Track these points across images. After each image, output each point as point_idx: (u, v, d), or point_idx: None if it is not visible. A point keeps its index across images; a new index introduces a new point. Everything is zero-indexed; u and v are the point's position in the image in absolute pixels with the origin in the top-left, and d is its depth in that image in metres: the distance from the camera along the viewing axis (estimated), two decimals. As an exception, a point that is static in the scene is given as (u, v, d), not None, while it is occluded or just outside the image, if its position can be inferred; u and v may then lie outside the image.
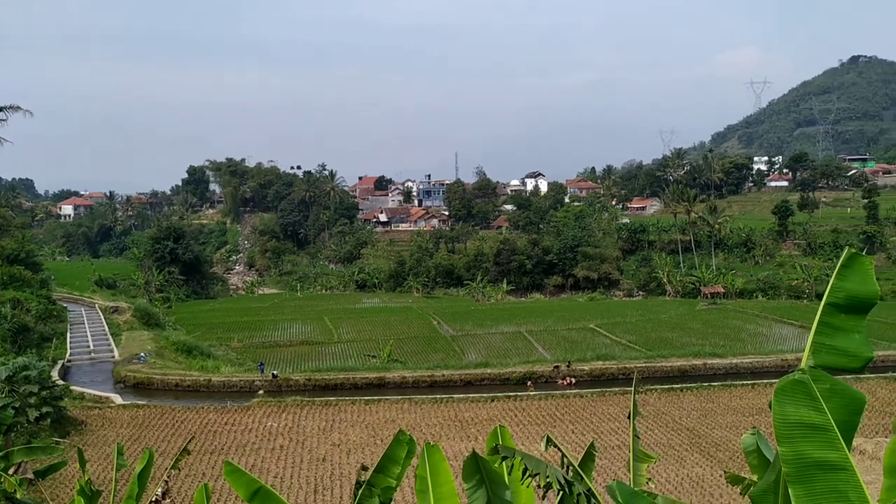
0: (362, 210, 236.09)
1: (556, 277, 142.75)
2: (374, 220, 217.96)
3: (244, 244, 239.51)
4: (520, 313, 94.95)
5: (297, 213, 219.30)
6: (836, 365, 6.73)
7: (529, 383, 57.35)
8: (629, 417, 9.44)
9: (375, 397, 50.93)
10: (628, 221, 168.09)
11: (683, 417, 44.57)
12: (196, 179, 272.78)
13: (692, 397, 49.68)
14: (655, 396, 49.78)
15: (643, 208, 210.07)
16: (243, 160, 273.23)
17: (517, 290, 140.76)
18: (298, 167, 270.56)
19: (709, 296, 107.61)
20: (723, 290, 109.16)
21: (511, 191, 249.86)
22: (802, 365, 6.68)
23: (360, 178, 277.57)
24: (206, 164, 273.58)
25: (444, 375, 58.86)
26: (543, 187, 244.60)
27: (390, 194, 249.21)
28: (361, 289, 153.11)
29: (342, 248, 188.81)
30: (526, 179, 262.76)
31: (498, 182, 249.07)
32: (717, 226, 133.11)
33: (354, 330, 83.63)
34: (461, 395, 50.82)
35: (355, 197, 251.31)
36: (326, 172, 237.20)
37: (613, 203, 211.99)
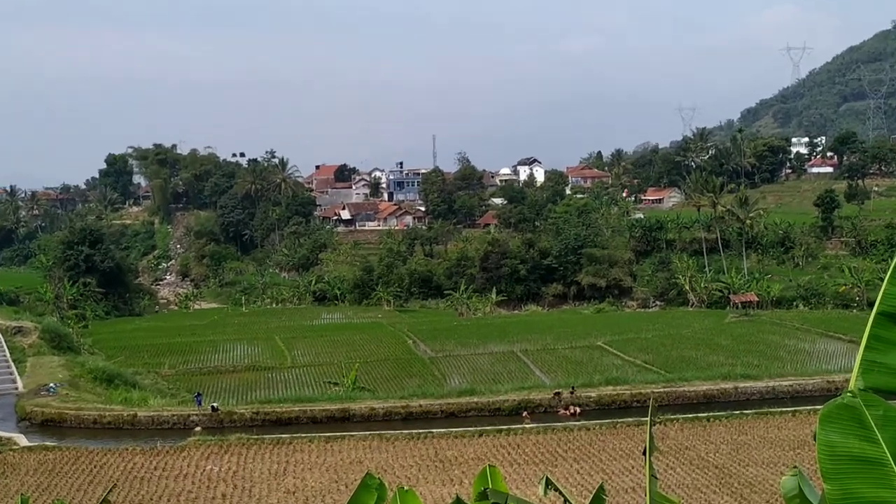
0: (320, 206, 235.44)
1: (556, 285, 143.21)
2: (335, 217, 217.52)
3: (176, 249, 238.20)
4: (512, 329, 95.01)
5: (240, 211, 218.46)
6: (890, 387, 6.76)
7: (525, 414, 57.47)
8: (645, 453, 9.46)
9: (338, 433, 50.78)
10: (642, 217, 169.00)
11: (711, 453, 44.85)
12: (117, 171, 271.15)
13: (721, 428, 50.00)
14: (677, 427, 50.05)
15: (660, 201, 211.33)
16: (174, 146, 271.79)
17: (509, 301, 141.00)
18: (242, 154, 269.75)
19: (739, 305, 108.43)
20: (756, 299, 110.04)
21: (501, 181, 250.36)
22: (851, 387, 6.72)
23: (318, 168, 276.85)
24: (129, 151, 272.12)
25: (421, 406, 58.82)
26: (540, 176, 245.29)
27: (354, 187, 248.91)
28: (320, 302, 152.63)
29: (296, 253, 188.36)
30: (518, 167, 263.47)
31: (485, 171, 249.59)
32: (748, 221, 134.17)
33: (312, 352, 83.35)
34: (442, 430, 50.81)
35: (311, 190, 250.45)
36: (276, 161, 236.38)
37: (624, 195, 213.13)
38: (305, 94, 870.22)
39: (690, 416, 52.64)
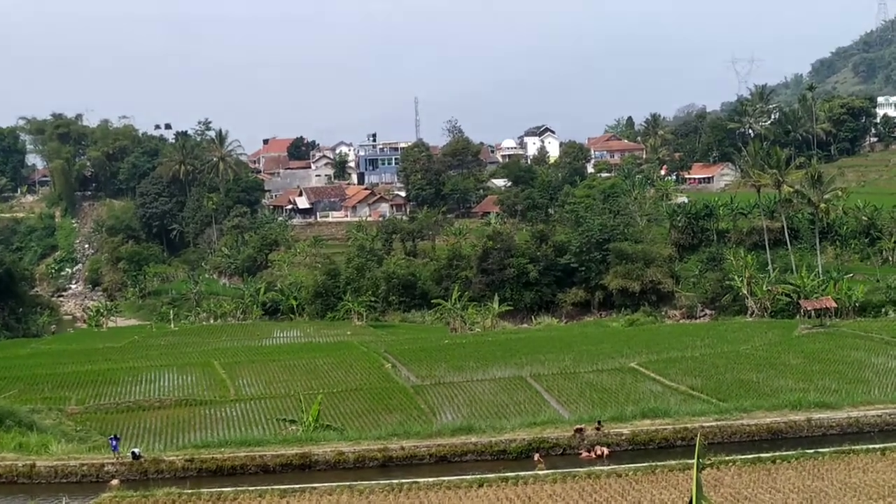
0: (270, 192, 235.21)
1: (577, 291, 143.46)
2: (290, 206, 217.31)
3: (84, 249, 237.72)
4: (521, 348, 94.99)
5: (166, 199, 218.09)
6: None
7: (538, 457, 57.46)
8: (689, 506, 9.63)
9: (297, 486, 50.67)
10: (686, 201, 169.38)
11: (778, 503, 44.96)
12: (4, 148, 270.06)
13: (790, 472, 50.11)
14: (734, 472, 50.12)
15: (709, 180, 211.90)
16: (79, 117, 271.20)
17: (516, 311, 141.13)
18: (167, 126, 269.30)
19: (813, 314, 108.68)
20: (834, 305, 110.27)
21: (503, 157, 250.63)
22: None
23: (266, 142, 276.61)
24: (21, 123, 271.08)
25: (403, 449, 58.74)
26: (553, 150, 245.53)
27: (314, 166, 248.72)
28: (271, 315, 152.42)
29: (240, 253, 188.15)
30: (526, 139, 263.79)
31: (482, 144, 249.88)
32: (822, 205, 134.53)
33: (261, 381, 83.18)
34: (431, 479, 50.76)
35: (258, 171, 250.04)
36: (212, 134, 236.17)
37: (662, 172, 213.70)
38: (247, 41, 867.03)
39: (751, 456, 52.61)
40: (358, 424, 66.72)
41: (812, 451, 53.65)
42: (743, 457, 52.63)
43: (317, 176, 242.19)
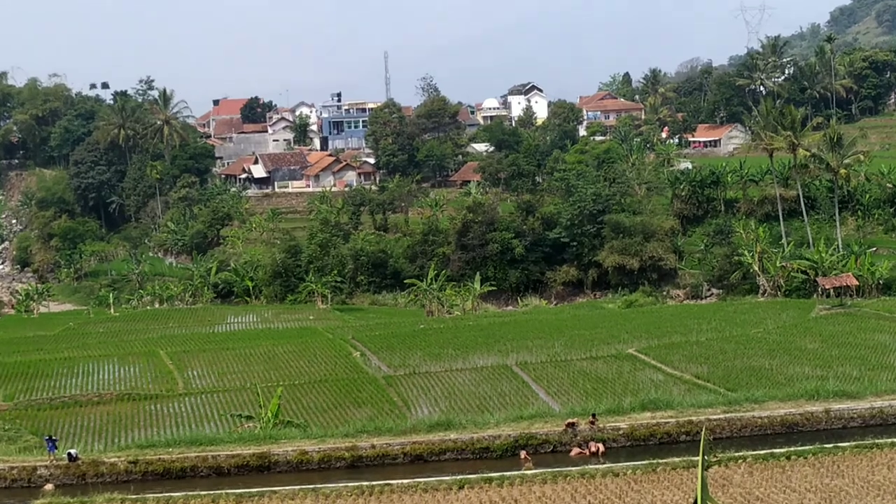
0: (222, 159, 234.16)
1: (568, 269, 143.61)
2: (244, 176, 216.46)
3: (11, 225, 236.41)
4: (505, 333, 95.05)
5: (104, 168, 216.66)
6: None
7: (524, 455, 57.69)
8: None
9: (255, 489, 50.71)
10: (690, 167, 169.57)
11: (792, 504, 45.27)
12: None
13: (807, 469, 50.42)
14: (744, 470, 50.42)
15: (716, 143, 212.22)
16: (4, 75, 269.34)
17: (500, 292, 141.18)
18: (105, 86, 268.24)
19: (832, 292, 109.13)
20: (856, 283, 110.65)
21: (485, 118, 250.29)
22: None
23: (217, 103, 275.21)
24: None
25: (374, 447, 58.83)
26: (542, 111, 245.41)
27: (272, 130, 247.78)
28: (224, 298, 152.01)
29: (188, 229, 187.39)
30: (510, 98, 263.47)
31: (461, 104, 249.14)
32: (843, 171, 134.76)
33: (214, 372, 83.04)
34: (405, 481, 50.88)
35: (209, 136, 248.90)
36: (155, 94, 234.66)
37: (664, 135, 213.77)
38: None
39: (763, 452, 52.94)
40: (323, 420, 66.74)
41: (831, 445, 54.02)
42: (754, 453, 52.97)
43: (274, 141, 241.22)
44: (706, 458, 48.34)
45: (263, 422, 64.67)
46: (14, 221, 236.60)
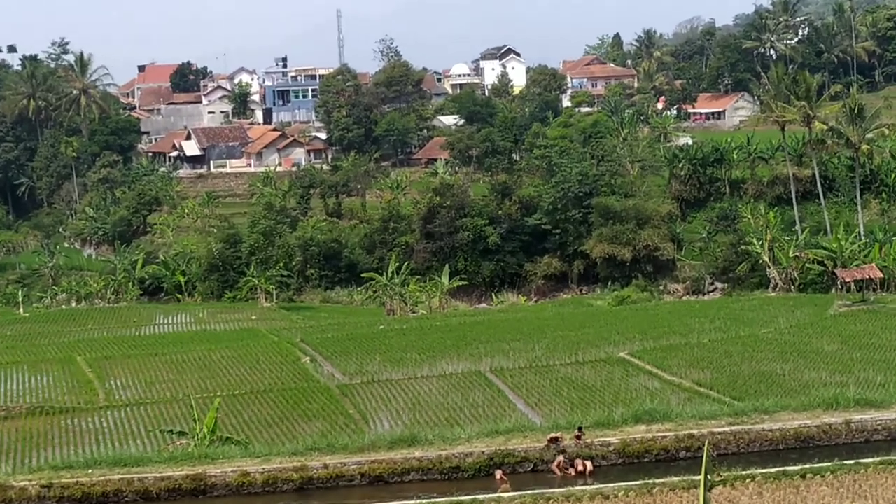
0: (149, 134, 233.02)
1: (551, 260, 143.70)
2: (175, 153, 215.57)
3: None
4: (479, 335, 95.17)
5: (11, 145, 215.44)
6: None
7: (500, 475, 57.70)
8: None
9: (188, 517, 50.59)
10: (690, 143, 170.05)
11: (808, 530, 45.48)
12: None
13: (824, 489, 50.66)
14: (753, 490, 50.63)
15: (719, 115, 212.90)
16: None
17: (472, 287, 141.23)
18: (11, 49, 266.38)
19: (852, 286, 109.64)
20: (880, 275, 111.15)
21: (454, 86, 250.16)
22: None
23: (143, 69, 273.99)
24: None
25: (326, 467, 58.77)
26: (519, 78, 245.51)
27: (206, 100, 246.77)
28: (152, 296, 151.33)
29: (110, 215, 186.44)
30: (483, 63, 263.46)
31: (427, 70, 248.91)
32: (865, 146, 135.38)
33: (140, 381, 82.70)
34: (364, 506, 50.88)
35: (133, 108, 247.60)
36: (71, 58, 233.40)
37: (660, 106, 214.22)
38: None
39: (774, 470, 53.06)
40: (267, 436, 66.59)
41: (852, 461, 54.25)
42: (764, 471, 53.15)
43: (210, 113, 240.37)
44: (709, 477, 48.51)
45: (198, 438, 64.41)
46: None
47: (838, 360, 78.21)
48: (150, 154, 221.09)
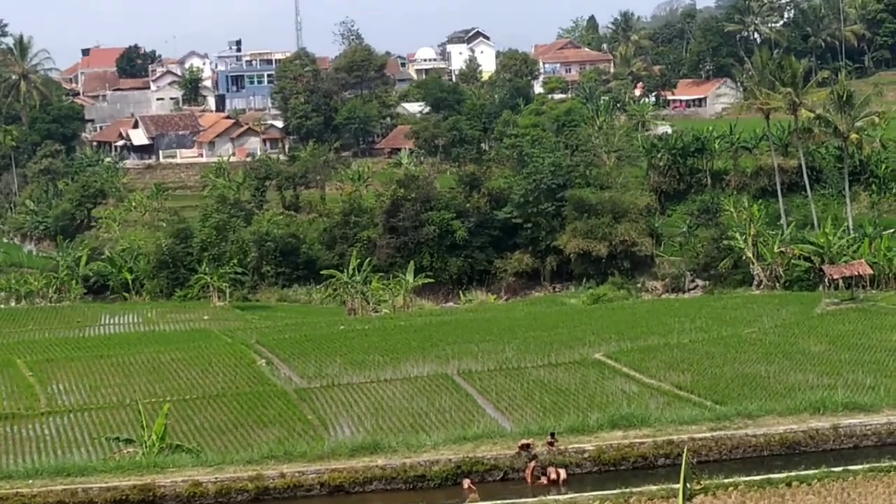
0: (93, 122, 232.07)
1: (522, 256, 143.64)
2: (122, 143, 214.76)
3: None
4: (445, 336, 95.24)
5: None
6: None
7: (468, 484, 57.72)
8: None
9: (136, 530, 50.48)
10: (670, 131, 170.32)
11: (794, 541, 45.68)
12: None
13: (811, 497, 50.90)
14: (735, 499, 50.81)
15: (700, 102, 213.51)
16: None
17: (439, 285, 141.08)
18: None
19: (841, 283, 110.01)
20: (870, 271, 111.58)
21: (419, 71, 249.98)
22: None
23: (87, 53, 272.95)
24: None
25: (283, 476, 58.71)
26: (488, 63, 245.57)
27: (155, 86, 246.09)
28: (97, 295, 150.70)
29: (51, 209, 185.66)
30: (449, 47, 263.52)
31: (390, 55, 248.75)
32: (854, 135, 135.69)
33: (84, 386, 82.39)
34: (323, 517, 50.84)
35: (77, 94, 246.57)
36: (10, 41, 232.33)
37: (637, 92, 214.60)
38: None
39: (758, 478, 53.26)
40: (220, 444, 66.52)
41: (840, 468, 54.49)
42: (747, 479, 53.37)
43: (159, 100, 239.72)
44: (689, 485, 48.68)
45: (146, 446, 64.24)
46: None
47: (826, 362, 78.56)
48: (95, 143, 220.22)
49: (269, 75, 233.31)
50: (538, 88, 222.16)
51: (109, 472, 59.64)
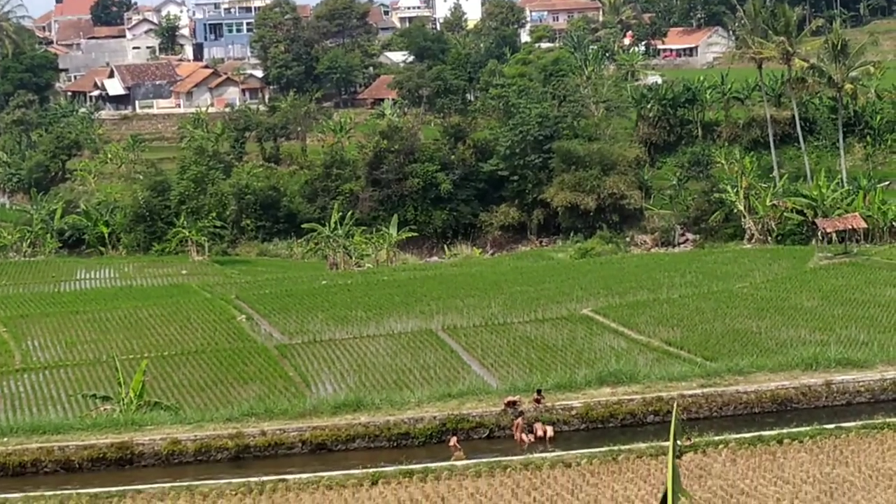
0: (67, 72, 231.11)
1: (508, 209, 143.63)
2: (97, 93, 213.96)
3: None
4: (430, 291, 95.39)
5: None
6: None
7: (453, 442, 57.78)
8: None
9: (114, 488, 50.49)
10: (660, 82, 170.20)
11: (785, 500, 45.79)
12: None
13: (803, 455, 51.00)
14: (725, 457, 50.93)
15: (691, 51, 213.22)
16: None
17: (423, 239, 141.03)
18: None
19: (834, 237, 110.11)
20: (864, 225, 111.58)
21: (403, 20, 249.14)
22: None
23: (60, 0, 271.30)
24: None
25: (264, 434, 58.75)
26: (474, 11, 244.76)
27: (131, 34, 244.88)
28: (72, 249, 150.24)
29: (25, 161, 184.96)
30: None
31: (372, 2, 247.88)
32: (848, 86, 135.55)
33: (60, 342, 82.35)
34: (305, 476, 50.87)
35: (49, 43, 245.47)
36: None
37: (627, 41, 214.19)
38: None
39: (749, 435, 53.35)
40: (200, 401, 66.60)
41: (833, 426, 54.68)
42: (738, 436, 53.49)
43: (135, 49, 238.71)
44: (678, 443, 48.80)
45: (124, 404, 64.26)
46: None
47: (818, 317, 78.78)
48: (69, 93, 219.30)
49: (248, 23, 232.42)
50: (525, 37, 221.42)
51: (86, 430, 59.65)
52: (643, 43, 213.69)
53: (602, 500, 46.59)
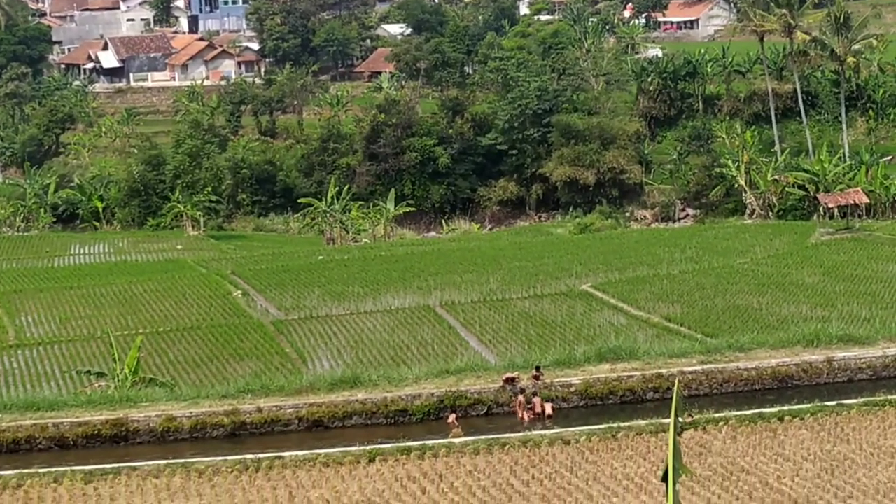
0: (61, 44, 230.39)
1: (506, 184, 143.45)
2: (91, 65, 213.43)
3: None
4: (427, 266, 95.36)
5: None
6: None
7: (452, 419, 57.82)
8: (665, 481, 9.85)
9: (108, 465, 50.50)
10: (660, 55, 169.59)
11: (786, 477, 45.87)
12: None
13: (804, 432, 51.07)
14: (726, 434, 51.00)
15: (692, 24, 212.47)
16: None
17: (420, 214, 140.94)
18: None
19: (836, 212, 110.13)
20: (866, 200, 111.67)
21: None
22: None
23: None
24: None
25: (260, 410, 58.79)
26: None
27: (125, 6, 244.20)
28: (66, 223, 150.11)
29: (18, 134, 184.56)
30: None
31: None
32: (851, 59, 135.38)
33: (54, 318, 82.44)
34: (301, 453, 50.91)
35: (43, 15, 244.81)
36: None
37: (627, 14, 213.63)
38: None
39: (749, 412, 53.44)
40: (195, 377, 66.67)
41: (834, 403, 54.75)
42: (739, 413, 53.57)
43: (129, 21, 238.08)
44: (679, 420, 48.79)
45: (118, 380, 64.29)
46: None
47: (820, 293, 78.88)
48: (63, 66, 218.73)
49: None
50: (524, 9, 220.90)
51: (81, 407, 59.73)
52: (643, 15, 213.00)
53: (601, 477, 46.65)
